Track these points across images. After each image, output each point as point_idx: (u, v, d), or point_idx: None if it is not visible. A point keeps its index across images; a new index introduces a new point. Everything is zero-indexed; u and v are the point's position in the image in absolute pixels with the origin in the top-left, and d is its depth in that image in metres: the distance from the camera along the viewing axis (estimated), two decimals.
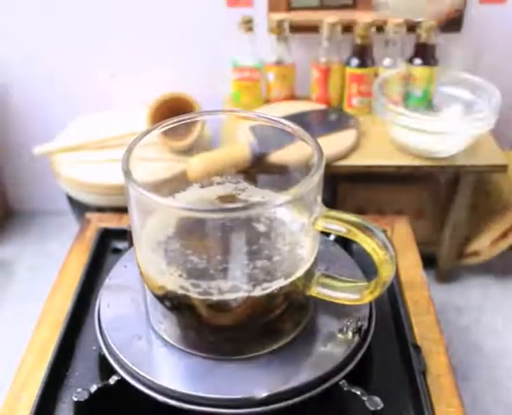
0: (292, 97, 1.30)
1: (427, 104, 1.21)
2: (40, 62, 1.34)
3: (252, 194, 0.50)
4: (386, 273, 0.41)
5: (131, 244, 0.48)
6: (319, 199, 0.42)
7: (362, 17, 1.19)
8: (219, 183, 0.50)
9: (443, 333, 0.55)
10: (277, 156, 0.49)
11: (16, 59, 1.34)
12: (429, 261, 1.19)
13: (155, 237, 0.43)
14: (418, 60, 1.20)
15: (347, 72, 1.23)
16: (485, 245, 1.32)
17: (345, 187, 1.26)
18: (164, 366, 0.44)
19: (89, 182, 1.09)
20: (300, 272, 0.43)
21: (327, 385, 0.42)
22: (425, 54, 1.19)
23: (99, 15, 1.28)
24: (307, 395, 0.42)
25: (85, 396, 0.43)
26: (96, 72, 1.35)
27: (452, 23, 1.27)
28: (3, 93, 1.40)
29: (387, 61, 1.23)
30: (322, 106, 1.26)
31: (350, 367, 0.44)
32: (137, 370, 0.43)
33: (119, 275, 0.53)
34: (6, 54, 1.34)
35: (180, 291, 0.41)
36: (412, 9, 1.21)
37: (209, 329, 0.44)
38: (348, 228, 0.40)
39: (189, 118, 0.47)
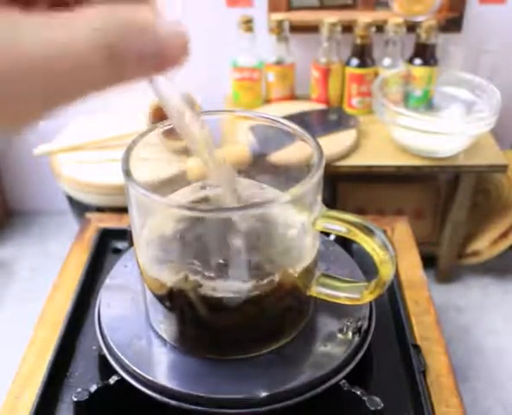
0: (292, 97, 1.30)
1: (427, 104, 1.21)
2: None
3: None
4: (386, 273, 0.41)
5: (131, 244, 0.48)
6: (319, 199, 0.42)
7: (362, 17, 1.19)
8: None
9: (443, 333, 0.55)
10: (277, 156, 0.49)
11: None
12: (429, 261, 1.19)
13: (155, 237, 0.43)
14: (418, 60, 1.20)
15: (347, 72, 1.23)
16: (485, 245, 1.32)
17: (345, 187, 1.26)
18: (164, 366, 0.44)
19: (89, 182, 1.09)
20: (300, 272, 0.43)
21: (327, 385, 0.42)
22: (425, 54, 1.19)
23: None
24: (307, 395, 0.42)
25: (85, 396, 0.43)
26: None
27: (452, 23, 1.27)
28: None
29: (386, 61, 1.23)
30: (322, 106, 1.26)
31: (350, 367, 0.44)
32: (137, 370, 0.43)
33: (119, 275, 0.53)
34: None
35: (180, 291, 0.41)
36: None
37: (209, 329, 0.44)
38: (348, 228, 0.40)
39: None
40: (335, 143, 1.12)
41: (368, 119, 1.23)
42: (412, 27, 1.21)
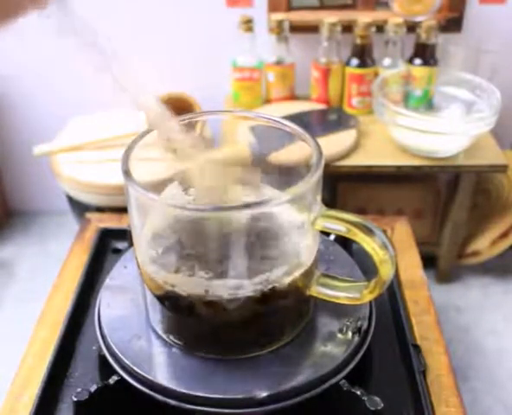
0: (292, 97, 1.30)
1: (427, 104, 1.21)
2: (39, 62, 1.34)
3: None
4: (385, 273, 0.41)
5: (131, 244, 0.48)
6: (319, 198, 0.42)
7: (362, 17, 1.19)
8: None
9: (443, 333, 0.55)
10: (277, 156, 0.49)
11: (15, 59, 1.34)
12: (429, 261, 1.19)
13: (154, 236, 0.43)
14: (418, 60, 1.20)
15: (347, 72, 1.23)
16: (485, 245, 1.32)
17: (345, 187, 1.26)
18: (164, 366, 0.44)
19: (89, 182, 1.09)
20: (300, 272, 0.43)
21: (327, 385, 0.42)
22: (425, 54, 1.19)
23: (99, 16, 1.28)
24: (307, 395, 0.42)
25: (85, 396, 0.43)
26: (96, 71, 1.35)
27: (452, 23, 1.27)
28: (3, 93, 1.40)
29: (386, 61, 1.23)
30: (322, 106, 1.26)
31: (350, 367, 0.44)
32: (137, 370, 0.43)
33: (119, 275, 0.53)
34: (5, 54, 1.34)
35: (180, 291, 0.41)
36: None
37: (209, 329, 0.44)
38: (348, 228, 0.40)
39: (189, 118, 0.47)
40: (335, 143, 1.12)
41: (368, 119, 1.23)
42: (412, 27, 1.21)
